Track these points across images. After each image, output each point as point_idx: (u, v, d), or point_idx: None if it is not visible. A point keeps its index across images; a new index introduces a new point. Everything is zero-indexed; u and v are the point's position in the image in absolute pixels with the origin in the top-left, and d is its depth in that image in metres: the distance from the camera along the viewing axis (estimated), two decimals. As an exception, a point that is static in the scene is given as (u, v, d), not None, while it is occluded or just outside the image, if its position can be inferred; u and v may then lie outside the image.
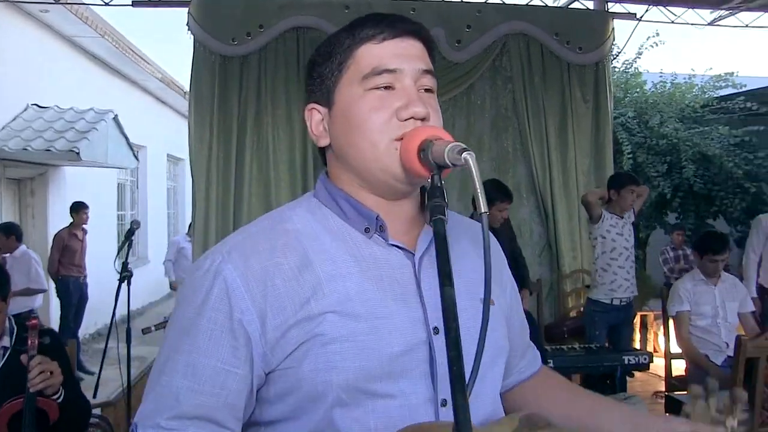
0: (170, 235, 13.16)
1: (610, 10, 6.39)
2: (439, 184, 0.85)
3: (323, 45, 1.02)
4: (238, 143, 5.47)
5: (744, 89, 10.76)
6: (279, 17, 5.46)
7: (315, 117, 1.03)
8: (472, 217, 0.94)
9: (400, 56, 0.96)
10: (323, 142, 1.02)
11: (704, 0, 6.62)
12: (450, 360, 0.70)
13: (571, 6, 6.52)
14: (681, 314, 3.99)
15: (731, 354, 3.58)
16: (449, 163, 0.82)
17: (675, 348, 4.18)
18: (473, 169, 0.77)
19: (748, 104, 10.30)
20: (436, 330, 0.93)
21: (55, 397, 2.08)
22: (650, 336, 6.48)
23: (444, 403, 0.92)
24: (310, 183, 5.56)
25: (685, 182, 9.65)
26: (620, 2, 6.35)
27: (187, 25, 5.32)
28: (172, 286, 8.61)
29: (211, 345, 0.89)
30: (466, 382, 0.71)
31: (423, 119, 0.94)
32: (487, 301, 0.79)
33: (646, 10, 6.49)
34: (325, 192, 1.02)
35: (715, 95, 10.83)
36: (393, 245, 0.98)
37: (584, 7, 6.44)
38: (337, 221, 0.99)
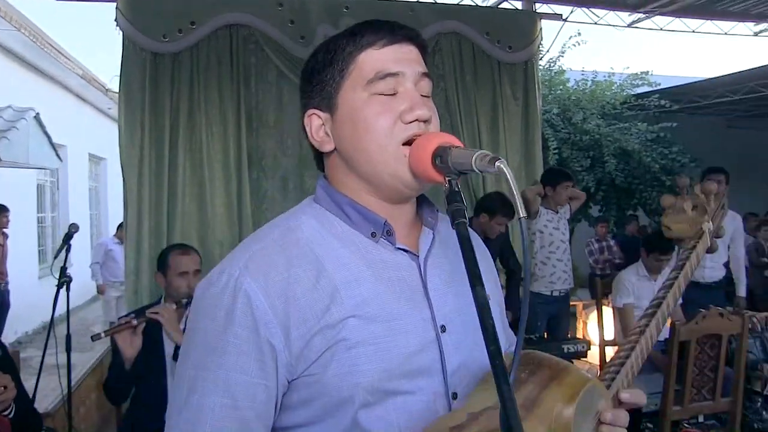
0: (93, 237, 12.70)
1: (537, 11, 6.58)
2: (457, 189, 0.88)
3: (321, 51, 1.03)
4: (170, 142, 5.34)
5: (658, 87, 11.33)
6: (211, 14, 5.36)
7: (315, 122, 1.03)
8: (470, 223, 0.98)
9: (400, 60, 0.99)
10: (327, 147, 1.03)
11: (624, 3, 6.94)
12: (491, 354, 0.73)
13: (500, 6, 6.69)
14: (627, 306, 4.18)
15: (661, 339, 3.81)
16: (476, 170, 0.85)
17: (608, 335, 4.39)
18: (509, 177, 0.80)
19: (662, 102, 10.87)
20: (443, 328, 0.97)
21: (6, 413, 1.99)
22: (579, 325, 6.74)
23: (455, 396, 0.96)
24: (245, 183, 5.50)
25: (608, 176, 10.08)
26: (547, 3, 6.56)
27: (115, 20, 5.15)
28: (100, 290, 8.34)
29: (240, 360, 0.90)
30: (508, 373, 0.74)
31: (425, 122, 0.98)
32: (526, 294, 0.83)
33: (571, 12, 6.74)
34: (328, 198, 1.04)
35: (633, 93, 11.35)
36: (399, 248, 1.01)
37: (513, 8, 6.62)
38: (343, 227, 1.01)
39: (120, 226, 7.65)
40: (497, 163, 0.82)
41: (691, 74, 14.55)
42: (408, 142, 0.97)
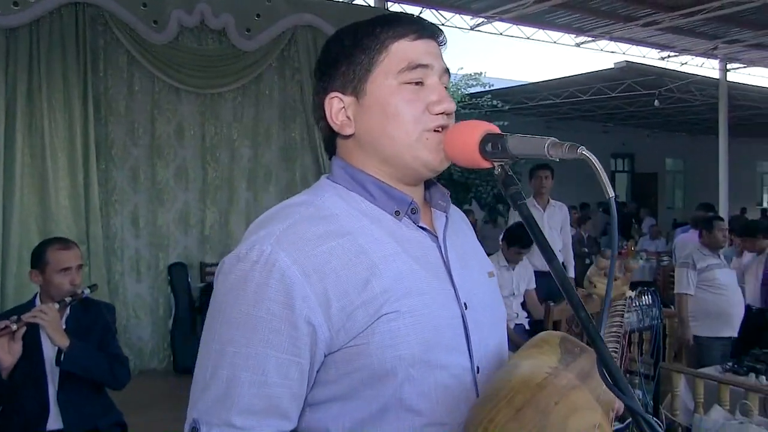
0: None
1: (389, 9, 6.98)
2: (511, 173, 0.97)
3: (347, 36, 1.06)
4: (6, 127, 5.02)
5: (491, 88, 12.34)
6: (53, -12, 5.11)
7: (336, 105, 1.05)
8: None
9: (430, 54, 1.04)
10: (348, 130, 1.05)
11: (468, 7, 7.56)
12: (582, 320, 0.84)
13: (354, 2, 7.00)
14: None
15: (519, 322, 4.43)
16: (550, 157, 0.91)
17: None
18: (594, 162, 0.85)
19: (495, 102, 11.88)
20: (466, 305, 1.03)
21: None
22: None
23: (478, 370, 1.02)
24: (92, 173, 5.29)
25: (446, 172, 10.81)
26: (399, 3, 6.98)
27: (-60, -11, 4.75)
28: None
29: (273, 337, 0.92)
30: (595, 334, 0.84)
31: (449, 114, 1.04)
32: (612, 270, 0.89)
33: (420, 12, 7.22)
34: (348, 177, 1.05)
35: (467, 92, 12.27)
36: (421, 227, 1.06)
37: (366, 5, 6.96)
38: (367, 205, 1.04)
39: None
40: (579, 150, 0.87)
41: (523, 78, 15.99)
42: (437, 129, 1.03)
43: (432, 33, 1.06)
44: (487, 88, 12.36)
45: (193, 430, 0.94)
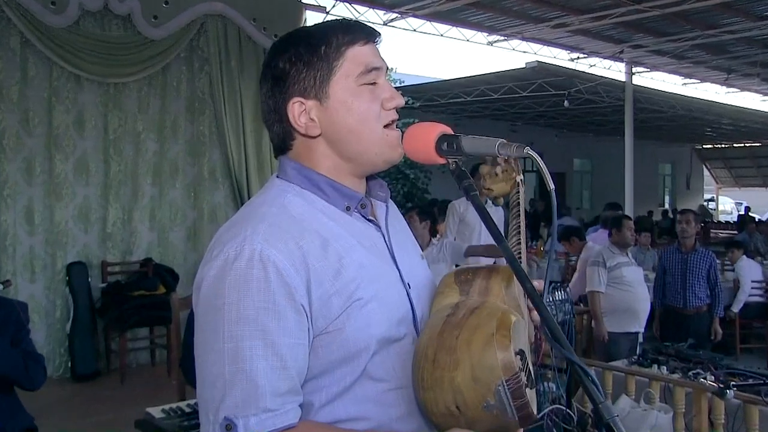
0: None
1: (303, 1, 7.06)
2: (463, 168, 1.12)
3: (301, 44, 1.18)
4: None
5: (402, 84, 12.62)
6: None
7: (297, 109, 1.17)
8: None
9: (376, 56, 1.21)
10: (315, 131, 1.18)
11: (381, 2, 7.75)
12: (528, 291, 1.00)
13: (266, -7, 7.03)
14: None
15: None
16: (500, 155, 1.07)
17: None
18: (538, 160, 1.02)
19: (406, 98, 12.14)
20: (409, 285, 1.22)
21: None
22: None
23: None
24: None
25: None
26: (313, -5, 7.08)
27: None
28: None
29: (282, 325, 1.05)
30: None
31: (398, 109, 1.22)
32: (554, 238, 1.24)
33: (334, 5, 7.37)
34: (302, 177, 1.19)
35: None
36: (368, 220, 1.23)
37: (280, -5, 7.02)
38: (322, 203, 1.18)
39: None
40: (525, 150, 1.04)
41: (436, 75, 16.34)
42: (387, 126, 1.18)
43: (375, 36, 1.22)
44: (398, 84, 12.63)
45: (228, 427, 1.03)
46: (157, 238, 6.32)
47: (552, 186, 1.01)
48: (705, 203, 24.53)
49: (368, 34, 1.21)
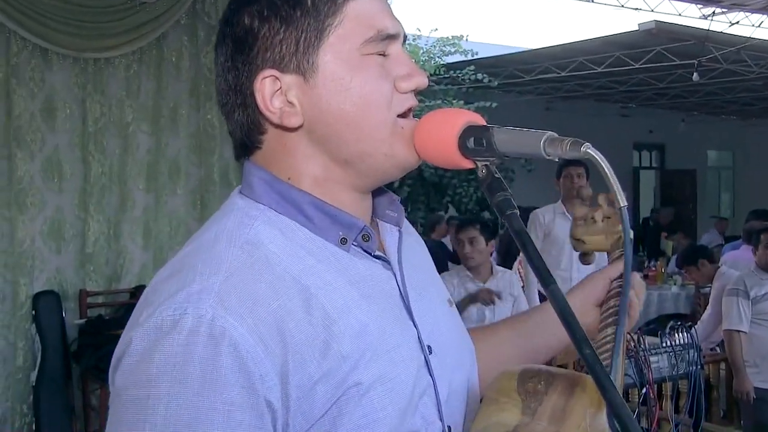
0: None
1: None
2: (497, 175, 0.99)
3: None
4: None
5: (475, 57, 12.42)
6: None
7: (269, 87, 1.04)
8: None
9: (390, 15, 1.07)
10: (294, 120, 1.04)
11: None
12: (586, 358, 0.86)
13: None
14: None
15: None
16: (546, 156, 0.94)
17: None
18: (602, 163, 0.89)
19: (479, 76, 11.95)
20: (429, 349, 1.08)
21: None
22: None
23: (449, 429, 1.09)
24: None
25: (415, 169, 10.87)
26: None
27: None
28: None
29: (230, 430, 0.90)
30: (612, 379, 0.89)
31: (417, 93, 1.09)
32: (625, 300, 1.06)
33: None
34: (275, 195, 1.06)
35: (443, 62, 12.33)
36: (376, 256, 1.09)
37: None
38: (305, 233, 1.05)
39: None
40: (583, 148, 0.90)
41: (517, 44, 16.12)
42: (402, 115, 1.06)
43: None
44: (469, 57, 12.44)
45: None
46: (153, 260, 6.28)
47: (624, 203, 0.92)
48: None
49: None
